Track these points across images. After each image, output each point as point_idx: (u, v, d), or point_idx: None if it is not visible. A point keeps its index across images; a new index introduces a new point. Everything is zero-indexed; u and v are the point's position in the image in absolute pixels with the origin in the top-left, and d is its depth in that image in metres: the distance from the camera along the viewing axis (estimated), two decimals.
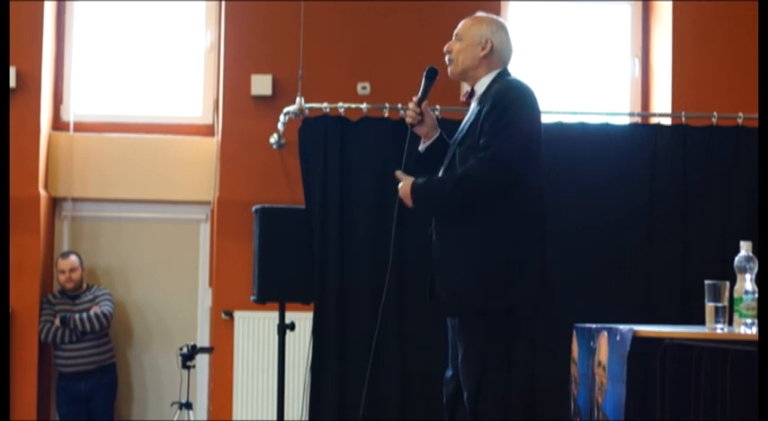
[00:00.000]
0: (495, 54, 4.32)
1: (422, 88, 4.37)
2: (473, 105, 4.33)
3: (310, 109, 6.49)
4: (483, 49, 4.31)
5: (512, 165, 4.09)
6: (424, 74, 4.37)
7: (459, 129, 4.34)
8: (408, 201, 4.22)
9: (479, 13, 4.44)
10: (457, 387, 4.28)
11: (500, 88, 4.23)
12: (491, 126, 4.11)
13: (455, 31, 4.39)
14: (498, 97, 4.18)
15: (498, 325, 4.14)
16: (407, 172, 4.36)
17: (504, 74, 4.33)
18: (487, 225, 4.12)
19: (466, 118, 4.35)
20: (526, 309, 4.21)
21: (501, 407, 4.14)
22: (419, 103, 4.35)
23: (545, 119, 6.40)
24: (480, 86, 4.32)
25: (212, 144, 7.61)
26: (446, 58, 4.38)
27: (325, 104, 6.39)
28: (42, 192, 7.40)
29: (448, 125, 4.73)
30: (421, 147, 4.43)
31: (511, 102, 4.16)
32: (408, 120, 4.37)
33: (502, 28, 4.37)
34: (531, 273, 4.15)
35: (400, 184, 4.27)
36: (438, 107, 6.18)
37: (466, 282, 4.12)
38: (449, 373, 4.36)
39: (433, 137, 4.41)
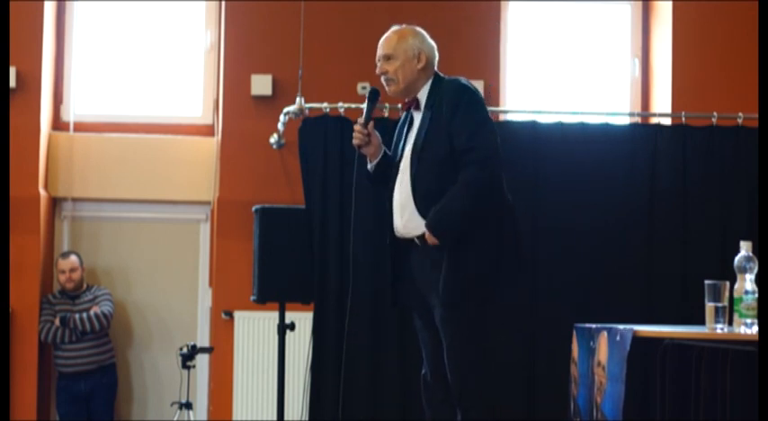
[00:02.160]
0: (428, 62, 4.45)
1: (365, 110, 4.50)
2: (421, 113, 4.42)
3: (310, 109, 6.49)
4: (419, 61, 4.43)
5: (496, 161, 4.27)
6: (367, 95, 4.50)
7: (415, 134, 4.41)
8: (435, 240, 4.26)
9: (395, 27, 4.54)
10: (441, 389, 4.39)
11: (451, 89, 4.36)
12: (462, 127, 4.27)
13: (381, 52, 4.48)
14: (456, 99, 4.32)
15: (482, 318, 4.25)
16: (359, 189, 4.58)
17: (438, 76, 4.46)
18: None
19: (417, 124, 4.42)
20: (503, 298, 4.34)
21: (489, 401, 4.20)
22: (365, 125, 4.46)
23: (545, 119, 6.47)
24: (423, 94, 4.44)
25: (212, 144, 7.61)
26: (382, 80, 4.49)
27: (325, 104, 6.39)
28: (42, 192, 7.40)
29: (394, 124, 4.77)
30: (369, 167, 4.57)
31: (470, 102, 4.31)
32: (356, 141, 4.49)
33: (425, 36, 4.51)
34: (514, 260, 4.32)
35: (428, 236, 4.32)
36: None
37: (469, 276, 4.22)
38: (427, 375, 4.47)
39: (378, 156, 4.54)
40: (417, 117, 4.45)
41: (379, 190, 4.59)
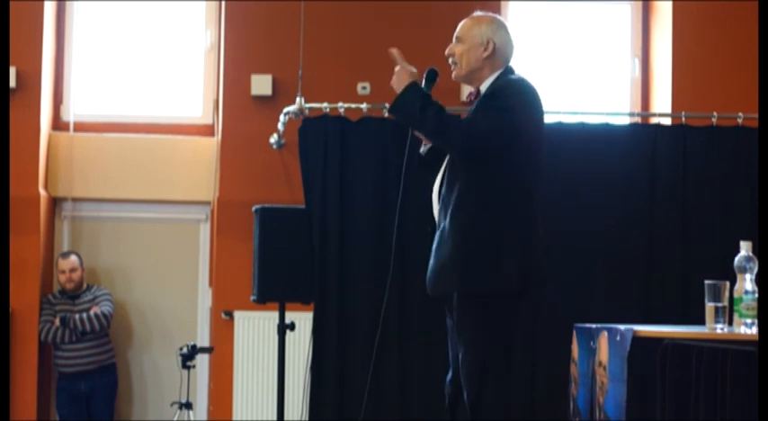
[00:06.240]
0: (498, 53, 4.31)
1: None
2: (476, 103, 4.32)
3: (310, 109, 6.49)
4: (485, 49, 4.29)
5: (489, 139, 4.08)
6: (424, 76, 4.35)
7: None
8: (398, 87, 4.20)
9: (477, 13, 4.42)
10: (457, 389, 4.27)
11: (500, 84, 4.24)
12: (481, 107, 4.16)
13: (455, 34, 4.37)
14: (497, 88, 4.21)
15: (497, 319, 4.13)
16: (408, 174, 4.38)
17: (506, 72, 4.32)
18: (477, 219, 4.12)
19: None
20: (521, 303, 4.17)
21: (501, 406, 4.14)
22: None
23: (545, 119, 6.44)
24: (484, 87, 4.32)
25: (212, 144, 7.62)
26: (450, 62, 4.36)
27: (325, 104, 6.39)
28: (42, 192, 7.40)
29: None
30: (422, 150, 4.43)
31: (508, 95, 4.18)
32: None
33: (502, 26, 4.36)
34: (515, 259, 4.11)
35: (397, 68, 4.23)
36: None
37: (449, 264, 4.13)
38: (449, 376, 4.36)
39: None
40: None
41: (424, 175, 4.44)
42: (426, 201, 4.39)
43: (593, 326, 4.68)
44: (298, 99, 6.60)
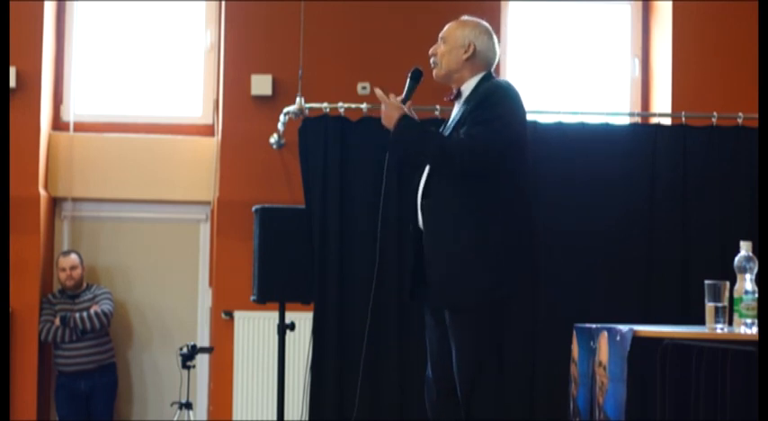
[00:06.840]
0: (479, 57, 4.37)
1: (406, 89, 4.41)
2: (459, 105, 4.38)
3: (310, 109, 6.49)
4: (466, 51, 4.36)
5: (490, 154, 4.14)
6: (409, 74, 4.41)
7: (446, 127, 4.39)
8: (389, 124, 4.27)
9: (464, 17, 4.49)
10: (441, 390, 4.30)
11: (487, 88, 4.29)
12: (474, 118, 4.18)
13: (440, 35, 4.44)
14: (485, 96, 4.24)
15: (491, 319, 4.17)
16: (390, 171, 4.43)
17: (488, 76, 4.38)
18: (476, 219, 4.17)
19: (451, 117, 4.39)
20: (515, 302, 4.24)
21: (498, 405, 4.16)
22: (403, 103, 4.37)
23: (545, 119, 6.48)
24: (467, 88, 4.37)
25: (212, 144, 7.62)
26: (431, 61, 4.43)
27: (325, 104, 6.39)
28: (42, 192, 7.40)
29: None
30: None
31: (498, 100, 4.22)
32: None
33: (485, 31, 4.42)
34: (517, 266, 4.18)
35: (383, 107, 4.30)
36: (438, 107, 6.20)
37: (456, 277, 4.16)
38: (429, 374, 4.38)
39: None
40: (455, 110, 4.39)
41: (409, 175, 4.48)
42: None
43: (593, 326, 4.69)
44: (298, 99, 6.60)
